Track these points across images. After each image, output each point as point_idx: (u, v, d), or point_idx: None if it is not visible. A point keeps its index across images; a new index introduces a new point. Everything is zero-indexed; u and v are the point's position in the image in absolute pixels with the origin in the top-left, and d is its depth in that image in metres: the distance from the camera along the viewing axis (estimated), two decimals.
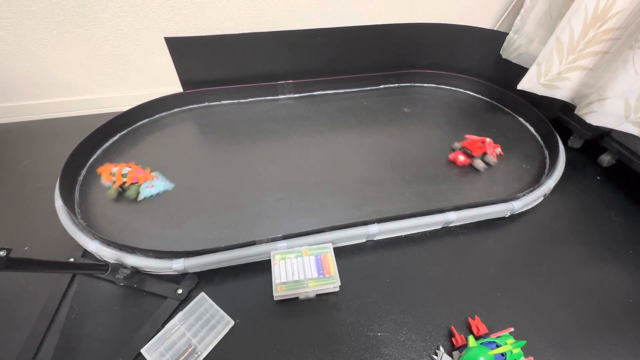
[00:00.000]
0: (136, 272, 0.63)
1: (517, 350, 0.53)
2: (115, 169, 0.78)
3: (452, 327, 0.58)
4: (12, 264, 0.42)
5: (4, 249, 0.41)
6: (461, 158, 0.88)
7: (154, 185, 0.79)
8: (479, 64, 1.16)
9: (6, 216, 0.77)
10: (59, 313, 0.59)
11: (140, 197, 0.77)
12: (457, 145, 0.92)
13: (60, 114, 1.08)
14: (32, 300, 0.61)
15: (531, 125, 1.05)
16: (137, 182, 0.78)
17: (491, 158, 0.89)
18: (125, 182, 0.77)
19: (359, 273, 0.66)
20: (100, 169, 0.80)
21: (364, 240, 0.72)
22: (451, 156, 0.90)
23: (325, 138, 0.98)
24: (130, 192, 0.77)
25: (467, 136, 0.93)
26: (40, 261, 0.48)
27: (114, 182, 0.76)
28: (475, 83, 1.19)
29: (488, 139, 0.91)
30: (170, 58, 0.96)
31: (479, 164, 0.88)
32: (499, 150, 0.92)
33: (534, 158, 0.93)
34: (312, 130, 1.01)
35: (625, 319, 0.62)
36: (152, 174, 0.82)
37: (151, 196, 0.78)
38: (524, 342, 0.54)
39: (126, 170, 0.78)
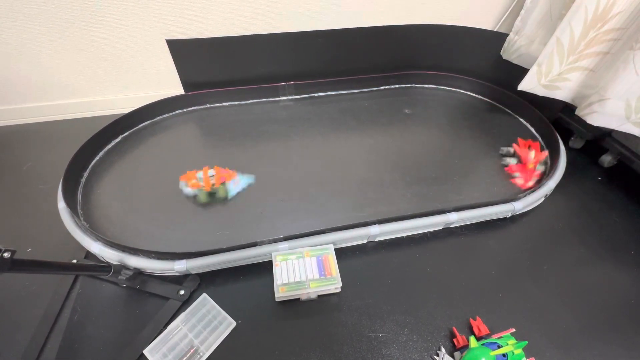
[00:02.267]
0: (138, 273, 0.63)
1: (518, 351, 0.53)
2: (199, 174, 0.79)
3: (454, 327, 0.58)
4: (17, 265, 0.43)
5: (8, 250, 0.41)
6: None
7: (238, 180, 0.82)
8: (480, 65, 1.17)
9: (9, 218, 0.77)
10: (62, 314, 0.60)
11: (230, 194, 0.79)
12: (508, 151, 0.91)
13: (63, 116, 1.08)
14: (36, 302, 0.61)
15: (532, 126, 1.05)
16: (224, 182, 0.79)
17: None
18: (214, 184, 0.78)
19: (361, 274, 0.67)
20: (182, 177, 0.80)
21: (365, 241, 0.72)
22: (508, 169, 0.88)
23: (326, 139, 0.98)
24: (221, 193, 0.78)
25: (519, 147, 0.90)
26: (43, 262, 0.49)
27: (203, 186, 0.77)
28: (475, 84, 1.19)
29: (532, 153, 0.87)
30: (171, 60, 0.97)
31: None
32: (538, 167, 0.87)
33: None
34: (313, 131, 1.01)
35: (627, 320, 0.62)
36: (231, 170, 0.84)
37: (238, 193, 0.81)
38: (525, 342, 0.54)
39: (211, 172, 0.80)
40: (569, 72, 0.86)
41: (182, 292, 0.62)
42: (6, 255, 0.41)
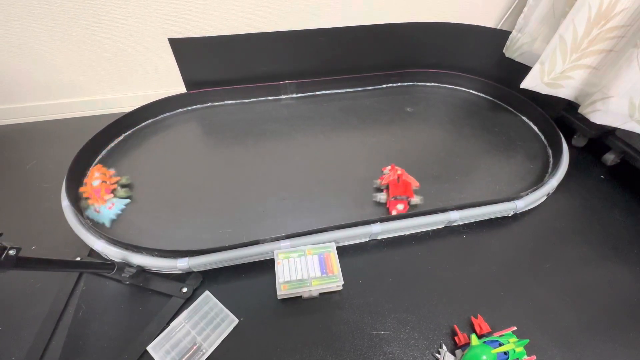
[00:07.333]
0: (142, 271, 0.64)
1: (519, 349, 0.53)
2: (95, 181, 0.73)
3: (455, 325, 0.59)
4: (22, 262, 0.43)
5: (13, 248, 0.42)
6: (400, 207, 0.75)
7: (113, 204, 0.74)
8: (482, 62, 1.16)
9: (13, 216, 0.78)
10: (67, 311, 0.60)
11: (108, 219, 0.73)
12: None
13: (66, 115, 1.09)
14: (40, 299, 0.62)
15: (534, 124, 1.05)
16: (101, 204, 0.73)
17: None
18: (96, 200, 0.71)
19: (362, 272, 0.67)
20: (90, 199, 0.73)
21: (366, 239, 0.72)
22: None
23: (327, 138, 0.98)
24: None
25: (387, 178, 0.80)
26: (48, 260, 0.49)
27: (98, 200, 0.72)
28: (478, 82, 1.19)
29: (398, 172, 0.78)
30: (174, 59, 0.97)
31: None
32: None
33: (538, 157, 0.93)
34: (314, 130, 1.01)
35: (629, 319, 0.62)
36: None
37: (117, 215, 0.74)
38: (527, 340, 0.54)
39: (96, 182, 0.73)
40: (572, 70, 0.86)
41: (184, 290, 0.62)
42: (11, 252, 0.41)
